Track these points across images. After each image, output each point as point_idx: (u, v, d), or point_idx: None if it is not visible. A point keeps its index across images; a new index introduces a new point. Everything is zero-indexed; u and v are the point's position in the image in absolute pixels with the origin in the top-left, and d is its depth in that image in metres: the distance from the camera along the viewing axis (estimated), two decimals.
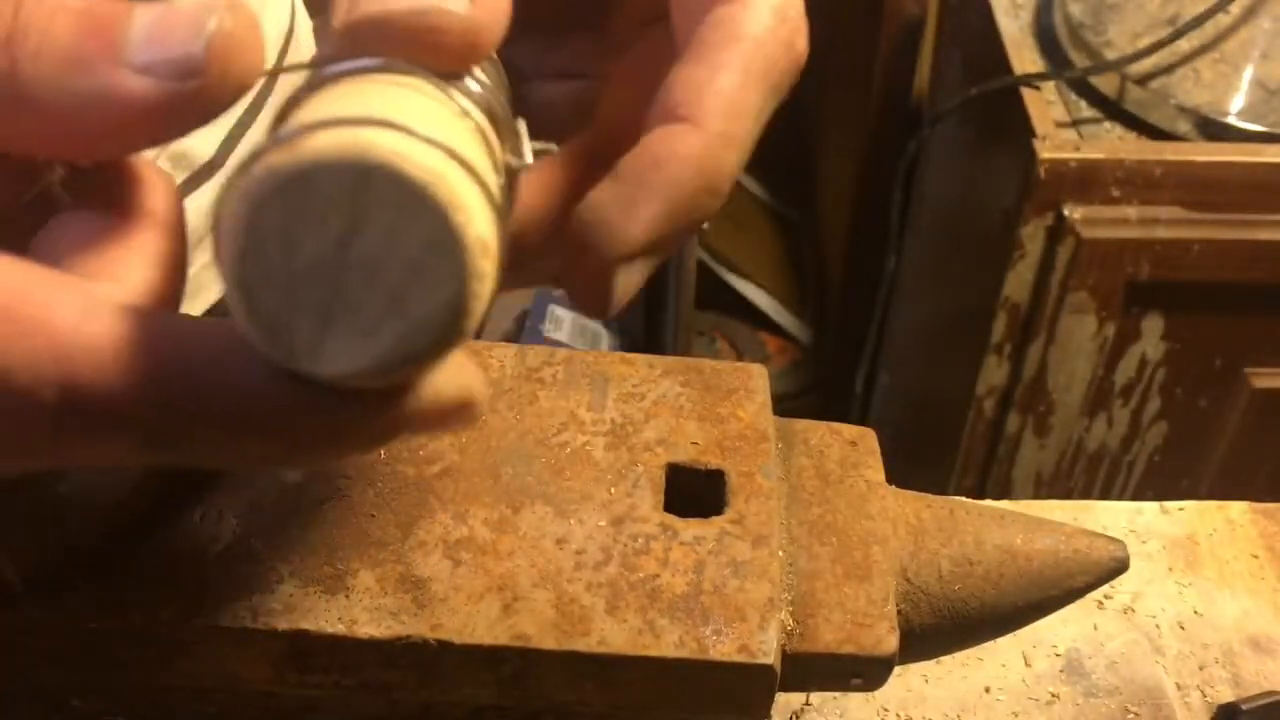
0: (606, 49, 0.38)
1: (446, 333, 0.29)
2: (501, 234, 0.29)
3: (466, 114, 0.30)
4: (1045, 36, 1.19)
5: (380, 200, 0.27)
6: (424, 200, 0.27)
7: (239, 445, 0.29)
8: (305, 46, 0.69)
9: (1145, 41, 1.09)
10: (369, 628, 0.39)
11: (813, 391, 1.91)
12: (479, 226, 0.28)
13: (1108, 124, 1.12)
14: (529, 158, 0.33)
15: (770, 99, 0.34)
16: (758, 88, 0.33)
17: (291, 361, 0.28)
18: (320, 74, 0.30)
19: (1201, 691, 0.55)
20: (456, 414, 0.30)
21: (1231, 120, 1.08)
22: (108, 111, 0.27)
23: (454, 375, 0.29)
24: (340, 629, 0.38)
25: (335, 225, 0.27)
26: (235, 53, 0.28)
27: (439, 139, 0.28)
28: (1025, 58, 1.15)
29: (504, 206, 0.30)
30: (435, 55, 0.30)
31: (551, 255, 0.35)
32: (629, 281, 0.33)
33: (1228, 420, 1.23)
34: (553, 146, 0.38)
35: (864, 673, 0.41)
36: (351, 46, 0.30)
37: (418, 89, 0.30)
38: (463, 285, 0.28)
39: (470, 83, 0.31)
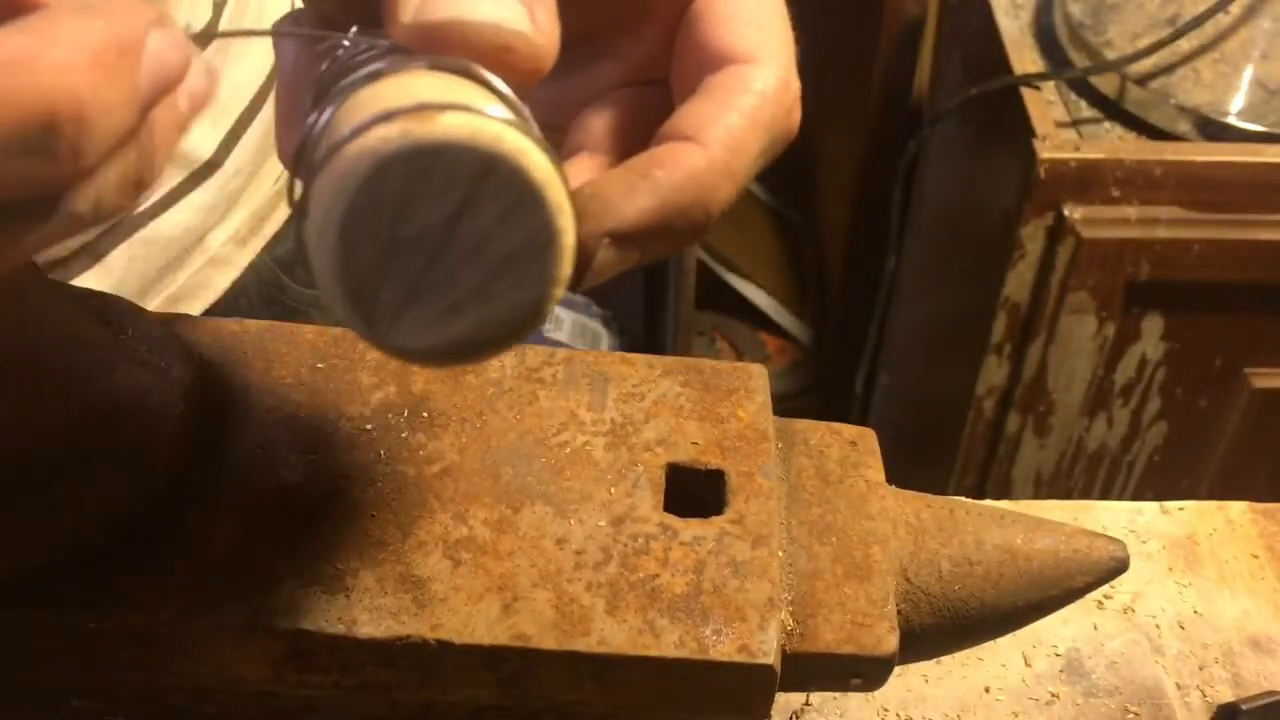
0: (565, 103, 0.40)
1: (521, 328, 0.30)
2: None
3: (533, 128, 0.31)
4: (1045, 36, 1.19)
5: (497, 189, 0.28)
6: (539, 199, 0.28)
7: None
8: None
9: (1145, 41, 1.09)
10: (369, 628, 0.39)
11: (813, 391, 1.91)
12: (572, 236, 0.29)
13: (1108, 124, 1.12)
14: None
15: (765, 153, 0.36)
16: (759, 136, 0.35)
17: (367, 328, 0.29)
18: (399, 59, 0.31)
19: (1201, 691, 0.55)
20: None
21: (1231, 120, 1.08)
22: None
23: None
24: (340, 629, 0.38)
25: (450, 202, 0.28)
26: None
27: (547, 145, 0.29)
28: (1025, 58, 1.15)
29: None
30: (500, 71, 0.31)
31: None
32: (606, 262, 0.34)
33: (1228, 420, 1.23)
34: None
35: (864, 673, 0.41)
36: (417, 45, 0.31)
37: (505, 98, 0.30)
38: (549, 286, 0.29)
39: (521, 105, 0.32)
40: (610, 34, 0.39)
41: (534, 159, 0.28)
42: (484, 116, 0.28)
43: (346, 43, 0.33)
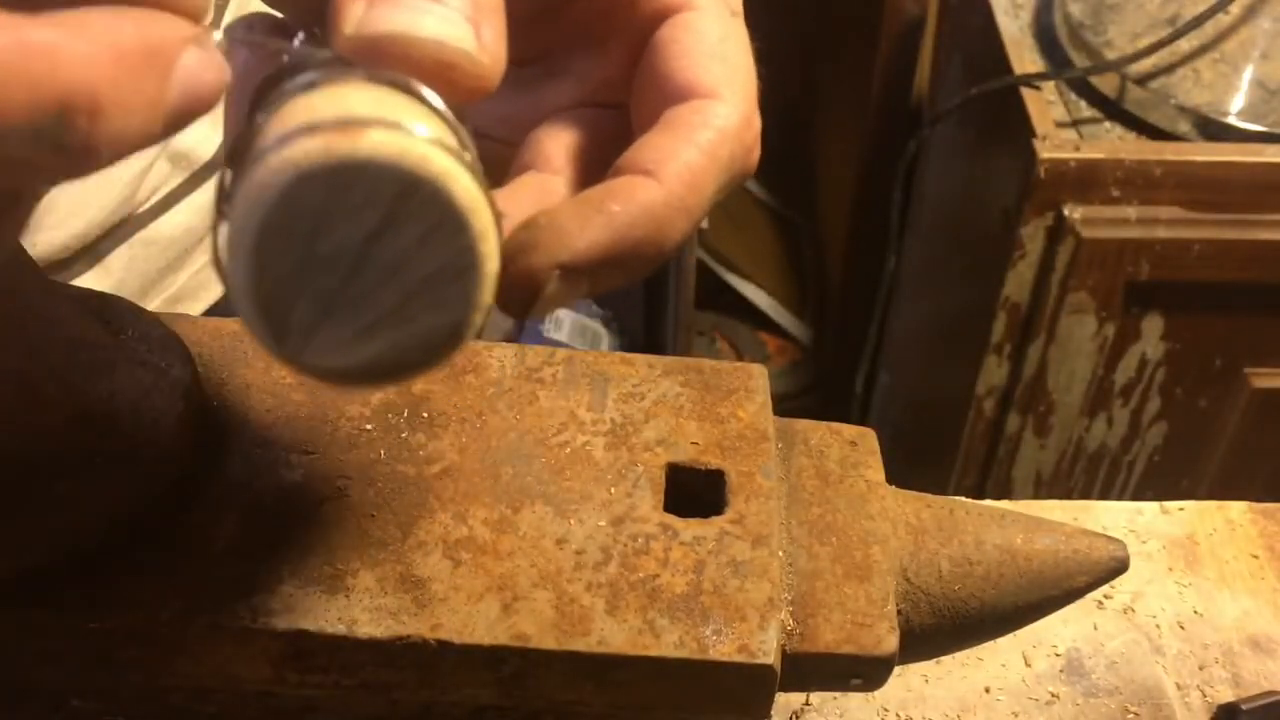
0: (519, 119, 0.39)
1: (437, 353, 0.29)
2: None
3: (466, 148, 0.31)
4: (1045, 36, 1.20)
5: (420, 211, 0.27)
6: (461, 223, 0.28)
7: None
8: None
9: (1145, 41, 1.09)
10: (369, 628, 0.39)
11: (813, 391, 1.91)
12: (495, 261, 0.29)
13: (1108, 124, 1.12)
14: None
15: (722, 190, 0.36)
16: (716, 173, 0.35)
17: (278, 344, 0.28)
18: (338, 69, 0.30)
19: (1201, 691, 0.55)
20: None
21: (1231, 120, 1.08)
22: None
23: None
24: (340, 629, 0.38)
25: (370, 221, 0.27)
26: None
27: (477, 168, 0.28)
28: (1025, 58, 1.16)
29: None
30: (442, 89, 0.30)
31: None
32: (554, 293, 0.33)
33: (1228, 420, 1.23)
34: None
35: (864, 673, 0.41)
36: (359, 58, 0.30)
37: (441, 116, 0.30)
38: (469, 312, 0.29)
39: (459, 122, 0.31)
40: (570, 53, 0.39)
41: (460, 182, 0.27)
42: (411, 136, 0.27)
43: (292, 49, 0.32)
